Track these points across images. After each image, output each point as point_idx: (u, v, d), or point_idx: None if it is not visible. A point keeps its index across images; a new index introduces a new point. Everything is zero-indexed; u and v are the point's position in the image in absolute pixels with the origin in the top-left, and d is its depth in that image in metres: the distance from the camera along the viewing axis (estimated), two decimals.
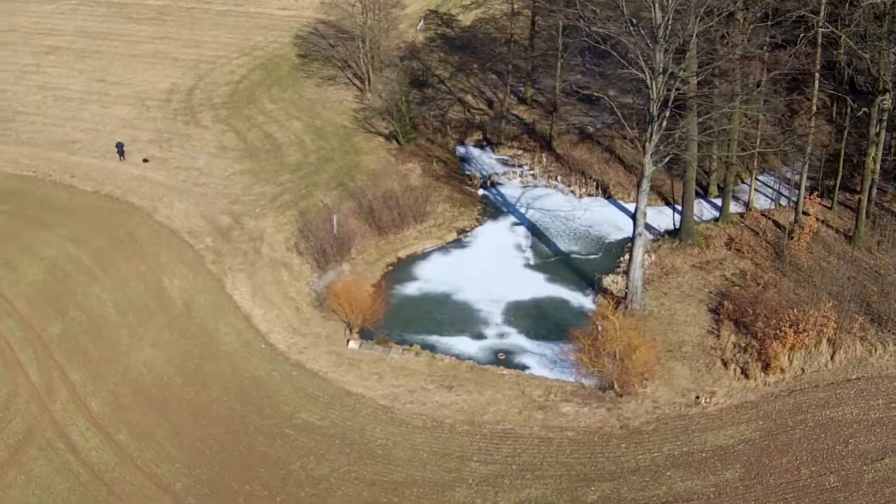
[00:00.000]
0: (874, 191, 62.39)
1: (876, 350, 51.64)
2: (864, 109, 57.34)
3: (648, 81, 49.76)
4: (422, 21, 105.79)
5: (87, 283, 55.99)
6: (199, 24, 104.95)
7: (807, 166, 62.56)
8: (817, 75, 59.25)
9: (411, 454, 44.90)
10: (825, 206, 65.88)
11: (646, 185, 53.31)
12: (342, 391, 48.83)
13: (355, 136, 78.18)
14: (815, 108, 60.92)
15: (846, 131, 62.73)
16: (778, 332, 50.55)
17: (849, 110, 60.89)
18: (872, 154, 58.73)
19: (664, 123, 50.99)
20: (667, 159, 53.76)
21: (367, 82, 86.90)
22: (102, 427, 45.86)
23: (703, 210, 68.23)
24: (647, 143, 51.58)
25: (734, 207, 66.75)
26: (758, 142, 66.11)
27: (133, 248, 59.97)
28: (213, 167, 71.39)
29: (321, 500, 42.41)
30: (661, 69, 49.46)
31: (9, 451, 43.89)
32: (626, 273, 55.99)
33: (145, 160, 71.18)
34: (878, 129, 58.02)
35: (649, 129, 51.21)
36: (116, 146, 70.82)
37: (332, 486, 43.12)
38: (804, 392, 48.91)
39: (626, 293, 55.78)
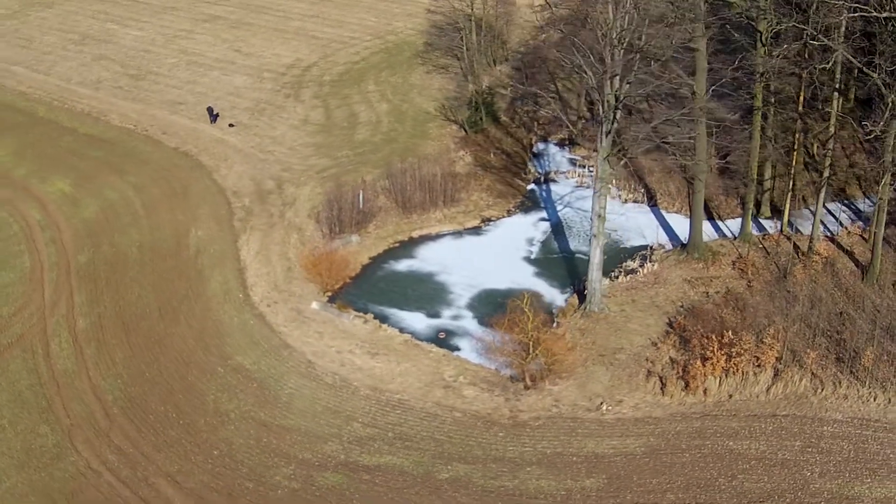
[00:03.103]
0: None
1: (823, 389, 48.72)
2: (875, 133, 53.29)
3: (593, 81, 50.04)
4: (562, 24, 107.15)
5: (128, 225, 64.98)
6: (352, 6, 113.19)
7: (824, 191, 58.76)
8: (836, 94, 55.72)
9: (308, 406, 49.05)
10: (864, 237, 61.69)
11: (599, 186, 53.31)
12: (282, 343, 53.79)
13: (431, 122, 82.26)
14: (833, 129, 57.16)
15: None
16: (708, 352, 49.24)
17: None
18: (885, 182, 54.40)
19: (615, 125, 50.97)
20: (622, 162, 53.50)
21: (470, 73, 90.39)
22: (78, 341, 54.08)
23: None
24: (600, 145, 51.76)
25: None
26: (793, 161, 63.21)
27: (181, 200, 68.36)
28: (286, 137, 78.57)
29: (213, 429, 47.76)
30: (613, 71, 49.58)
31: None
32: (586, 275, 56.28)
33: (231, 125, 79.76)
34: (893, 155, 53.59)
35: (600, 131, 51.40)
36: (207, 110, 79.91)
37: (228, 420, 48.35)
38: (717, 418, 47.37)
39: (585, 294, 56.23)
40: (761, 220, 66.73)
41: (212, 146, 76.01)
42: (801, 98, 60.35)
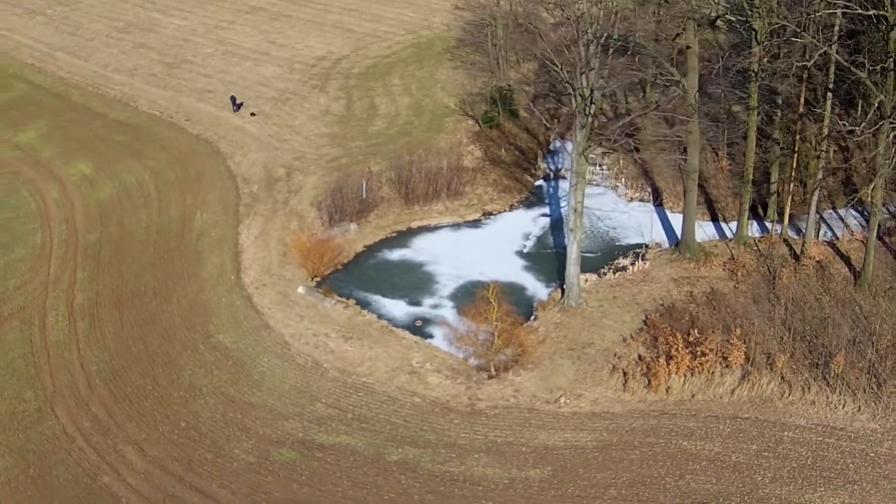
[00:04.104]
0: None
1: (790, 393, 48.19)
2: (866, 135, 52.22)
3: (563, 74, 50.37)
4: None
5: (139, 206, 67.73)
6: (392, 0, 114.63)
7: (816, 194, 57.73)
8: (829, 95, 54.75)
9: (277, 384, 50.68)
10: (864, 243, 60.31)
11: (574, 180, 53.53)
12: (263, 324, 55.55)
13: (448, 117, 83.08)
14: (826, 130, 56.09)
15: None
16: (673, 350, 49.14)
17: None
18: (874, 185, 53.22)
19: (589, 119, 51.19)
20: (590, 154, 53.70)
21: (497, 70, 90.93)
22: (73, 315, 56.84)
23: (751, 231, 65.03)
24: (575, 140, 52.02)
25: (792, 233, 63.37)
26: (794, 164, 62.27)
27: (193, 184, 70.88)
28: (303, 127, 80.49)
29: (185, 402, 49.78)
30: (586, 65, 49.84)
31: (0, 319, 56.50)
32: (564, 270, 56.55)
33: (252, 114, 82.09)
34: (885, 158, 52.31)
35: (575, 125, 51.66)
36: (230, 99, 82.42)
37: (200, 394, 50.32)
38: (675, 417, 47.27)
39: (562, 289, 56.55)
40: (766, 223, 65.84)
41: (231, 134, 78.42)
42: (802, 99, 59.45)
